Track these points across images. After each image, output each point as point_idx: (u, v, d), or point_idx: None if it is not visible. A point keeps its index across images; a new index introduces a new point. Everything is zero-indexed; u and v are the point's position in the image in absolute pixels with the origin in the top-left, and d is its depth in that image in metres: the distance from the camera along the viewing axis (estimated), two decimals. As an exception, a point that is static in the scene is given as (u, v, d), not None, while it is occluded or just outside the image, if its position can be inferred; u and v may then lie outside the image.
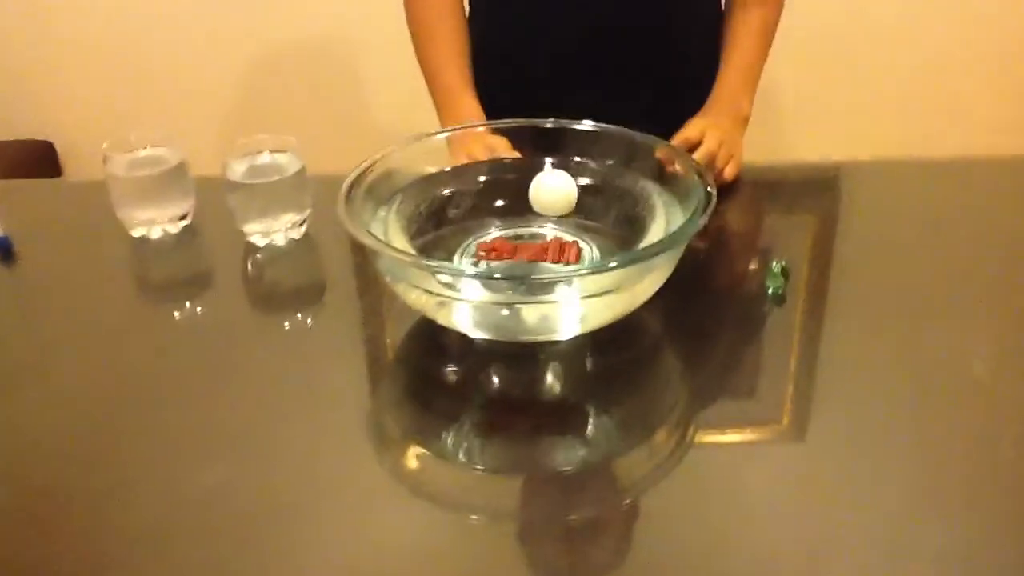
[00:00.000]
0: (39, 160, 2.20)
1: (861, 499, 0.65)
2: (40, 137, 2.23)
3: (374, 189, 0.85)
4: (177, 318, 0.91)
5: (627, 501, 0.68)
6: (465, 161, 0.97)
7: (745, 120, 1.15)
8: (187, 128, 1.70)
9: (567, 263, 0.82)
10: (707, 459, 0.70)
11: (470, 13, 1.26)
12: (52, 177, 2.20)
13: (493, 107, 1.13)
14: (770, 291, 0.88)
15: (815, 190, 1.14)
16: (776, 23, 1.19)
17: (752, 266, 0.98)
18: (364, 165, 0.85)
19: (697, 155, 1.03)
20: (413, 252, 0.82)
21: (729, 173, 1.07)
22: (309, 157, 0.98)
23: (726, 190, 1.06)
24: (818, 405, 0.76)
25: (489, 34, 1.24)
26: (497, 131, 0.99)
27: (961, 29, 2.09)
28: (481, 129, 1.01)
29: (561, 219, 0.90)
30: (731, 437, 0.74)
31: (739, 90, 1.16)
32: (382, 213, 0.85)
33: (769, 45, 1.19)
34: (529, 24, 1.20)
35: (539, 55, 1.21)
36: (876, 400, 0.75)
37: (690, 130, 1.06)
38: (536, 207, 0.89)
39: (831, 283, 0.92)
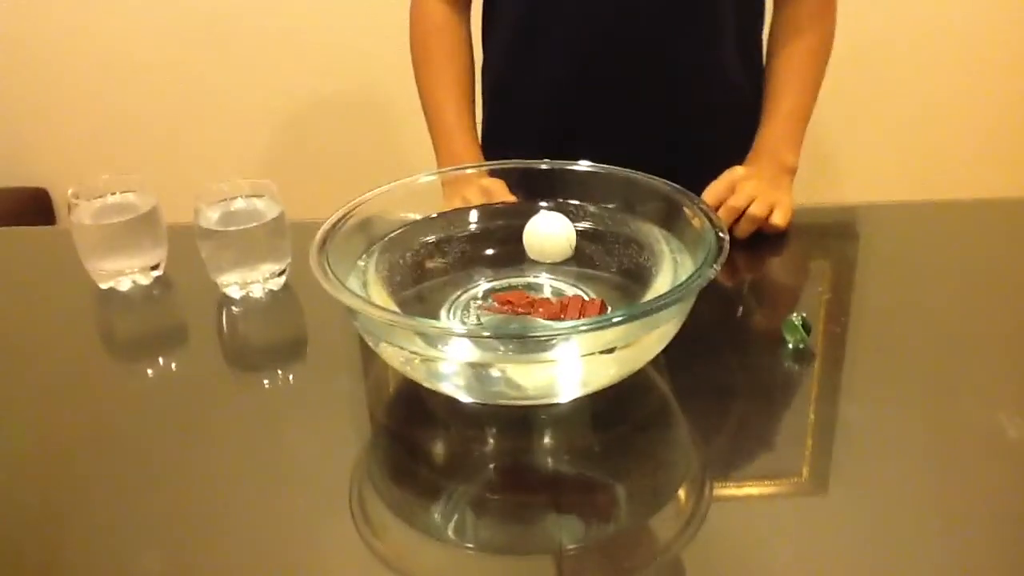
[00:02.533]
0: (33, 208, 2.17)
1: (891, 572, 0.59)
2: (34, 184, 2.19)
3: (353, 237, 0.79)
4: (145, 377, 0.85)
5: (635, 584, 0.61)
6: (460, 205, 0.91)
7: (791, 171, 1.09)
8: (177, 175, 1.66)
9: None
10: (723, 534, 0.63)
11: (485, 61, 1.22)
12: (46, 225, 2.16)
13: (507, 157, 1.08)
14: (790, 346, 0.81)
15: (836, 235, 1.08)
16: (825, 56, 1.12)
17: (769, 319, 0.91)
18: (343, 211, 0.79)
19: (721, 212, 0.97)
20: (394, 307, 0.75)
21: (778, 219, 1.00)
22: (290, 202, 0.92)
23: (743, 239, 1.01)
24: (844, 474, 0.69)
25: (504, 81, 1.20)
26: (491, 173, 0.93)
27: (983, 66, 2.06)
28: (473, 171, 0.95)
29: (558, 268, 0.84)
30: (750, 510, 0.66)
31: (781, 141, 1.09)
32: (361, 264, 0.78)
33: (818, 83, 1.12)
34: (547, 67, 1.15)
35: (558, 100, 1.16)
36: (906, 469, 0.68)
37: (721, 183, 0.99)
38: (530, 253, 0.83)
39: (855, 336, 0.85)
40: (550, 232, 0.83)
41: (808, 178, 1.17)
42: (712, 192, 0.98)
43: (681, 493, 0.68)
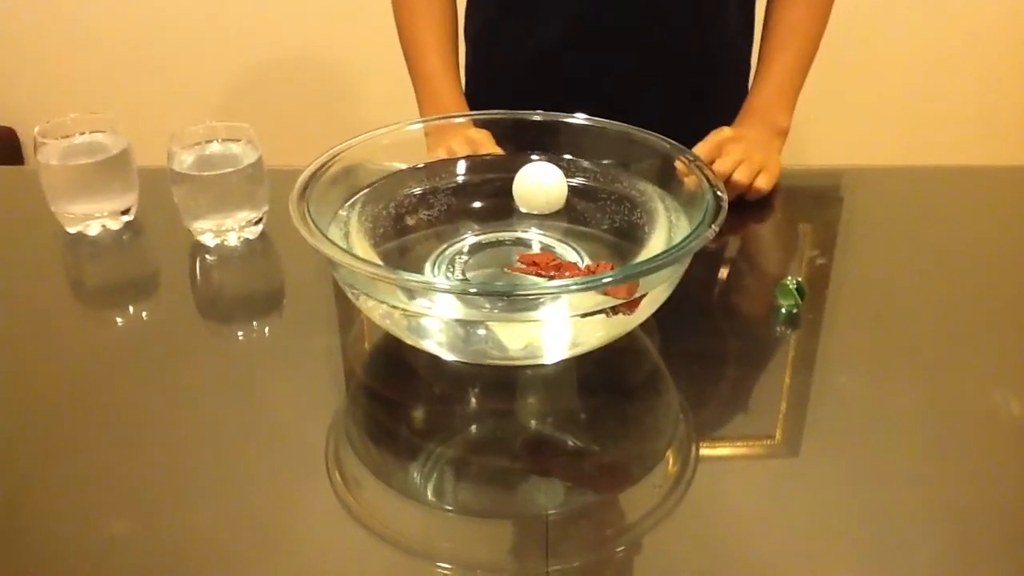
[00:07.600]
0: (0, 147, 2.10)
1: (883, 544, 0.58)
2: (1, 124, 2.12)
3: (335, 186, 0.76)
4: (113, 326, 0.82)
5: (619, 550, 0.59)
6: (443, 156, 0.88)
7: (782, 132, 1.06)
8: (150, 115, 1.61)
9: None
10: (710, 501, 0.62)
11: (470, 10, 1.19)
12: (13, 166, 2.10)
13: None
14: (783, 311, 0.79)
15: (832, 199, 1.06)
16: (825, 12, 1.09)
17: (762, 283, 0.89)
18: (324, 158, 0.76)
19: None
20: (377, 260, 0.72)
21: (762, 183, 0.97)
22: (269, 147, 0.89)
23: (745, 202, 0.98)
24: (835, 442, 0.67)
25: (491, 34, 1.17)
26: (480, 123, 0.90)
27: (973, 33, 2.04)
28: (461, 120, 0.91)
29: (547, 224, 0.81)
30: (737, 476, 0.65)
31: (775, 102, 1.06)
32: (343, 214, 0.75)
33: (814, 47, 1.09)
34: (542, 22, 1.11)
35: (549, 56, 1.12)
36: (897, 437, 0.67)
37: (707, 145, 0.96)
38: (519, 202, 0.81)
39: (850, 302, 0.84)
40: (541, 181, 0.80)
41: (802, 140, 1.14)
42: (697, 154, 0.95)
43: (668, 458, 0.66)
